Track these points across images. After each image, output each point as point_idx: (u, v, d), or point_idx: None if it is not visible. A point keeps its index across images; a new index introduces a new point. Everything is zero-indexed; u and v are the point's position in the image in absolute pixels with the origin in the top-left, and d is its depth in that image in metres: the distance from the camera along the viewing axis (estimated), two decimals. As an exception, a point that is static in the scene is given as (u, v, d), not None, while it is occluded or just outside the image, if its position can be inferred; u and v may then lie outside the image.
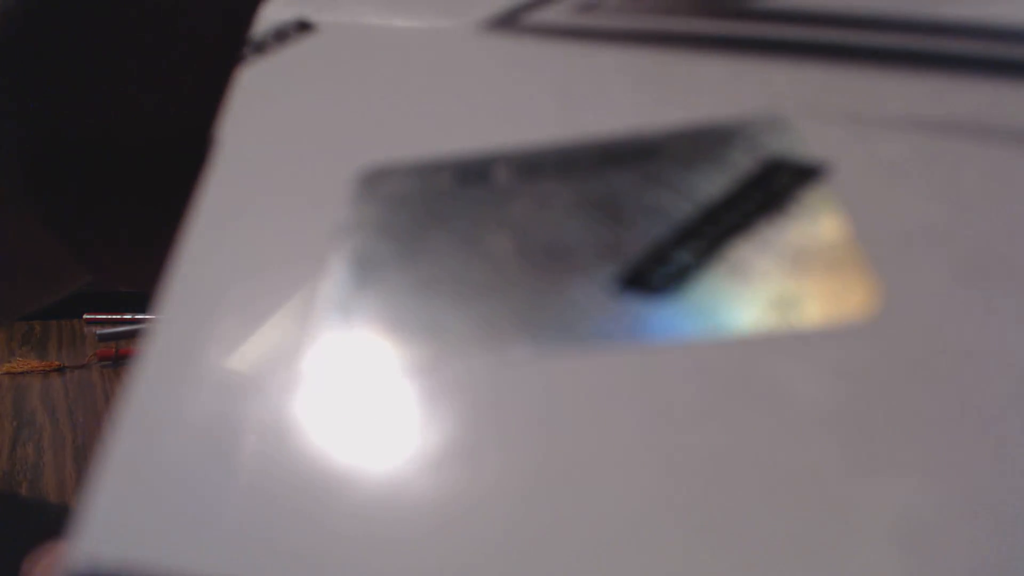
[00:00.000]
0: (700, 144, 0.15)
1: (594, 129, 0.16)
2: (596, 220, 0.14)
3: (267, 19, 0.22)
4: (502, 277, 0.14)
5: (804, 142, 0.15)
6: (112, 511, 0.11)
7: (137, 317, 0.64)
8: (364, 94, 0.19)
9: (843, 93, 0.16)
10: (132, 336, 0.62)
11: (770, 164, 0.15)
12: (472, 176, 0.16)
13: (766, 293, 0.12)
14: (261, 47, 0.21)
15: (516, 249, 0.14)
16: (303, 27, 0.22)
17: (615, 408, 0.12)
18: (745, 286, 0.13)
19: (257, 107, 0.19)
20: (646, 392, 0.12)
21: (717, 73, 0.17)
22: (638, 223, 0.14)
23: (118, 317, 0.65)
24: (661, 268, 0.13)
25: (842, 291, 0.12)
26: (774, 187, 0.14)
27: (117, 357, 0.59)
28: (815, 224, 0.13)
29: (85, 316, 0.66)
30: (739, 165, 0.15)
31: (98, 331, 0.63)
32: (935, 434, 0.11)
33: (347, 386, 0.12)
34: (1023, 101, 0.15)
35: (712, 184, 0.15)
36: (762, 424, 0.11)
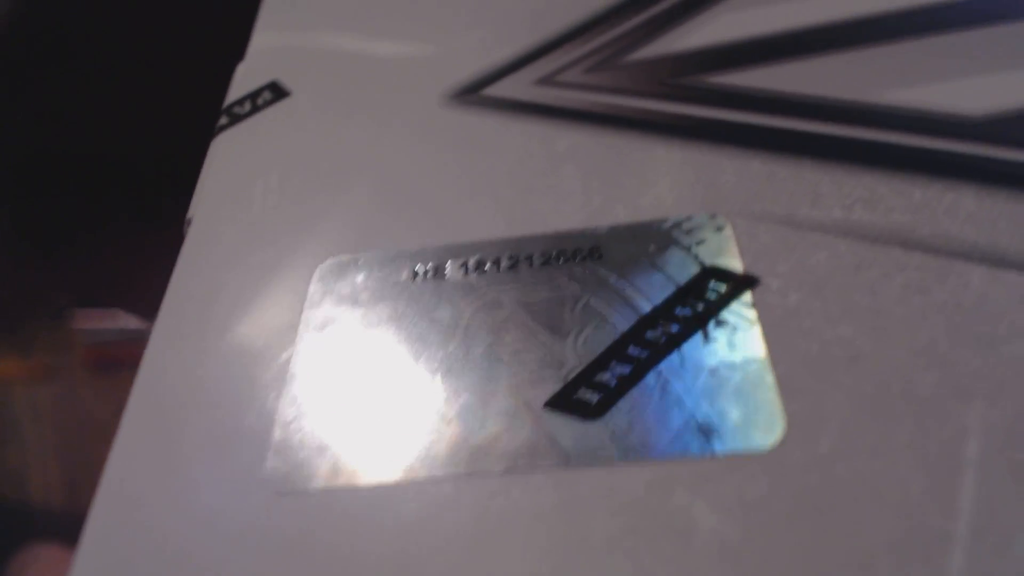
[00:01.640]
0: (643, 243, 0.16)
1: (546, 220, 0.17)
2: (538, 330, 0.15)
3: (241, 81, 0.23)
4: (442, 385, 0.14)
5: (739, 246, 0.15)
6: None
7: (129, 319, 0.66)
8: (332, 172, 0.19)
9: (780, 188, 0.16)
10: (122, 339, 0.63)
11: (706, 271, 0.15)
12: (427, 271, 0.17)
13: (683, 420, 0.13)
14: (235, 115, 0.22)
15: (460, 354, 0.15)
16: (278, 91, 0.22)
17: (527, 530, 0.12)
18: (665, 412, 0.13)
19: (226, 183, 0.20)
20: (560, 515, 0.12)
21: (664, 161, 0.18)
22: (578, 331, 0.15)
23: (108, 319, 0.66)
24: (588, 391, 0.14)
25: (754, 420, 0.13)
26: (706, 297, 0.15)
27: (106, 361, 0.60)
28: (736, 345, 0.14)
29: (73, 317, 0.67)
30: (677, 267, 0.15)
31: (87, 332, 0.64)
32: (821, 571, 0.11)
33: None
34: (956, 203, 0.15)
35: (652, 287, 0.15)
36: (667, 554, 0.12)
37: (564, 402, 0.14)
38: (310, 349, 0.15)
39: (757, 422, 0.13)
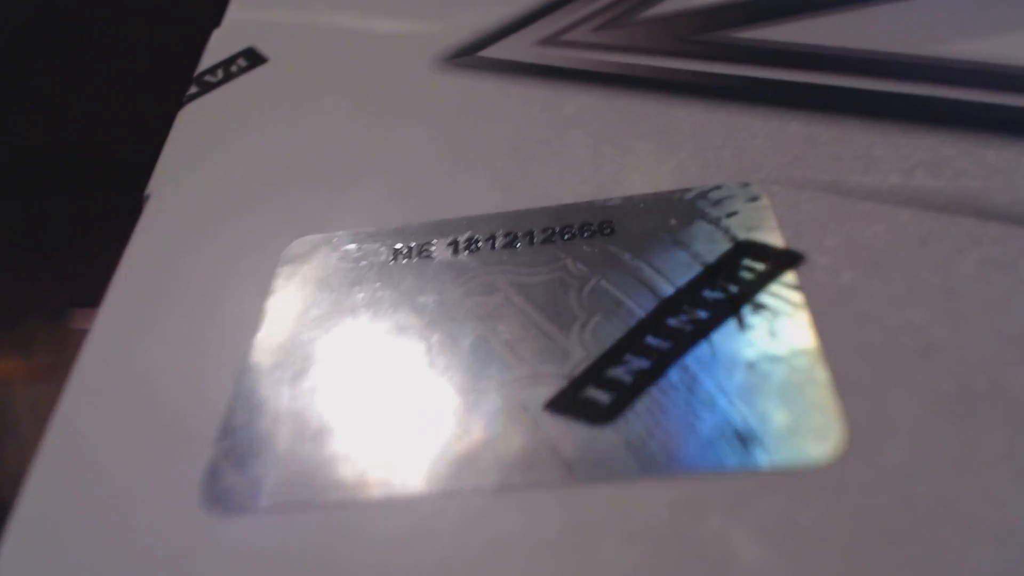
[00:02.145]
0: (663, 216, 0.14)
1: (549, 192, 0.15)
2: (538, 317, 0.12)
3: (216, 47, 0.21)
4: (423, 383, 0.12)
5: (777, 218, 0.13)
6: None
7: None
8: (308, 144, 0.17)
9: (824, 152, 0.14)
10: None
11: (740, 246, 0.13)
12: (411, 250, 0.14)
13: (717, 425, 0.11)
14: (206, 83, 0.20)
15: (446, 346, 0.12)
16: (254, 58, 0.20)
17: (524, 560, 0.10)
18: (693, 415, 0.11)
19: (190, 157, 0.17)
20: (564, 542, 0.10)
21: (686, 124, 0.15)
22: (586, 319, 0.12)
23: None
24: (596, 389, 0.11)
25: (803, 425, 0.10)
26: (739, 277, 0.12)
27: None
28: (778, 333, 0.11)
29: (73, 317, 0.66)
30: (704, 243, 0.13)
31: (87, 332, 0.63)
32: (903, 623, 0.09)
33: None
34: (1038, 166, 0.13)
35: (674, 266, 0.13)
36: (700, 596, 0.09)
37: (569, 403, 0.11)
38: (271, 341, 0.13)
39: (808, 428, 0.10)
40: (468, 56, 0.18)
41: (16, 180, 0.29)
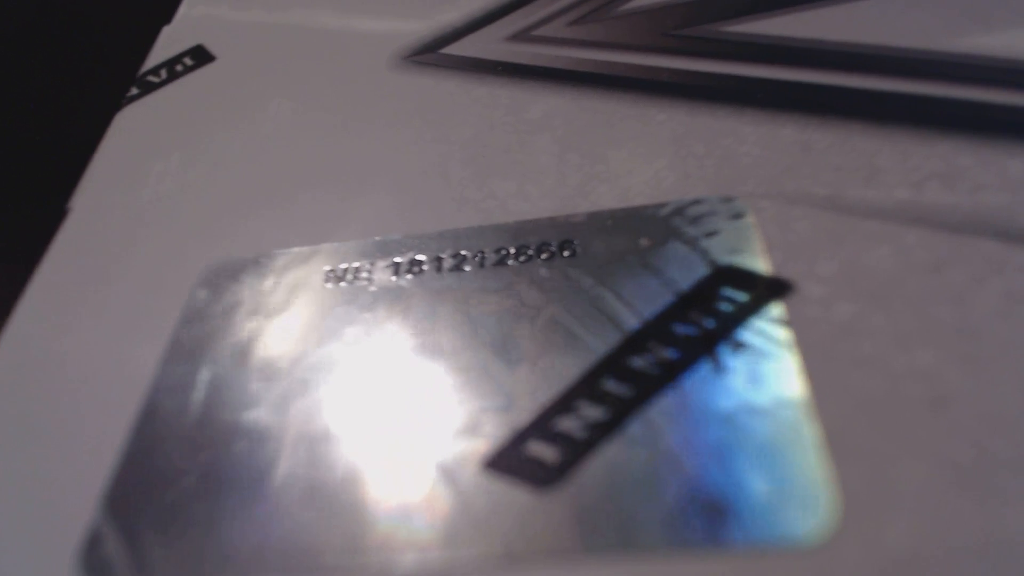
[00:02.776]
0: (632, 234, 0.12)
1: (506, 207, 0.13)
2: (483, 354, 0.11)
3: (163, 47, 0.19)
4: (338, 435, 0.10)
5: (765, 239, 0.11)
6: None
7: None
8: (247, 153, 0.15)
9: (821, 161, 0.12)
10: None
11: (719, 272, 0.11)
12: (345, 272, 0.12)
13: (682, 493, 0.09)
14: (148, 84, 0.18)
15: (369, 387, 0.11)
16: (201, 56, 0.18)
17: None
18: (656, 480, 0.09)
19: (120, 167, 0.16)
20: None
21: (664, 129, 0.13)
22: (536, 357, 0.10)
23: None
24: (543, 444, 0.09)
25: (788, 496, 0.09)
26: (717, 309, 0.10)
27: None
28: (761, 379, 0.10)
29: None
30: (679, 268, 0.11)
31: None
32: None
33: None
34: (1072, 179, 0.11)
35: (642, 295, 0.11)
36: None
37: (510, 461, 0.09)
38: (174, 380, 0.11)
39: (795, 498, 0.08)
40: (430, 53, 0.16)
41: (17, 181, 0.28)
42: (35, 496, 0.10)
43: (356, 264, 0.12)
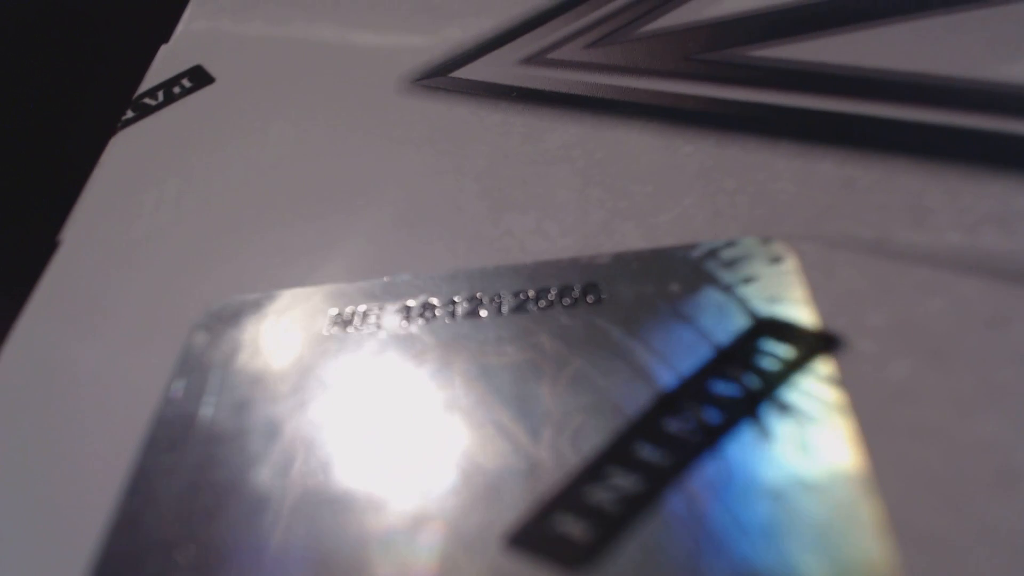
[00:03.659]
0: (662, 279, 0.11)
1: (524, 245, 0.12)
2: (501, 414, 0.10)
3: (160, 67, 0.18)
4: (342, 503, 0.09)
5: (808, 286, 0.10)
6: None
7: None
8: (245, 182, 0.15)
9: (865, 201, 0.11)
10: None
11: (760, 324, 0.10)
12: (352, 317, 0.12)
13: (732, 573, 0.08)
14: (144, 106, 0.17)
15: (377, 451, 0.10)
16: (200, 78, 0.18)
17: None
18: (698, 560, 0.08)
19: (114, 195, 0.15)
20: None
21: (692, 161, 0.12)
22: (561, 418, 0.10)
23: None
24: (572, 519, 0.09)
25: (848, 586, 0.08)
26: (761, 366, 0.10)
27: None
28: (812, 448, 0.09)
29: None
30: (714, 318, 0.10)
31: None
32: None
33: None
34: None
35: (676, 347, 0.10)
36: None
37: (534, 538, 0.09)
38: (170, 427, 0.10)
39: (854, 589, 0.08)
40: (440, 77, 0.16)
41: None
42: (31, 547, 0.09)
43: (363, 307, 0.12)
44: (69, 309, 0.13)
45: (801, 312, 0.10)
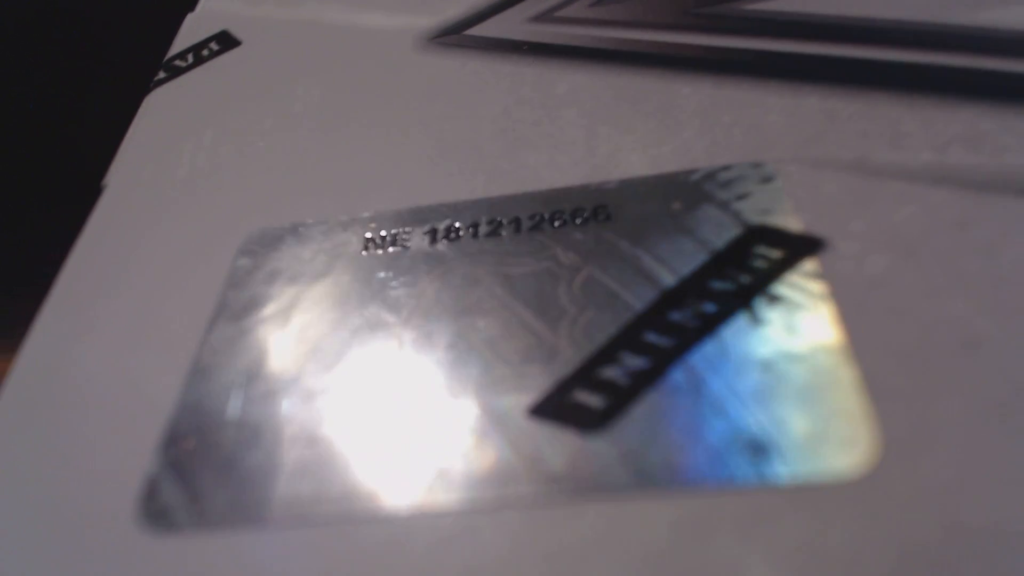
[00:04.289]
0: (665, 199, 0.12)
1: (539, 175, 0.13)
2: (523, 313, 0.11)
3: (188, 32, 0.20)
4: (390, 388, 0.10)
5: (794, 200, 0.11)
6: None
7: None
8: (277, 131, 0.16)
9: (847, 128, 0.12)
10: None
11: (752, 232, 0.11)
12: (384, 239, 0.13)
13: (726, 434, 0.09)
14: (175, 68, 0.18)
15: (418, 345, 0.11)
16: (227, 41, 0.19)
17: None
18: (700, 422, 0.09)
19: (152, 146, 0.16)
20: (548, 570, 0.08)
21: (691, 101, 0.14)
22: (576, 313, 0.11)
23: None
24: (588, 392, 0.10)
25: (829, 433, 0.09)
26: (753, 265, 0.11)
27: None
28: (798, 329, 0.10)
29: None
30: (712, 229, 0.11)
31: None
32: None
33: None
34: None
35: (677, 254, 0.11)
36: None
37: (556, 408, 0.10)
38: (225, 340, 0.12)
39: (834, 436, 0.09)
40: (454, 35, 0.17)
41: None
42: (94, 448, 0.11)
43: (394, 231, 0.13)
44: (122, 239, 0.14)
45: (789, 221, 0.11)
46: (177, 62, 0.19)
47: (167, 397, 0.11)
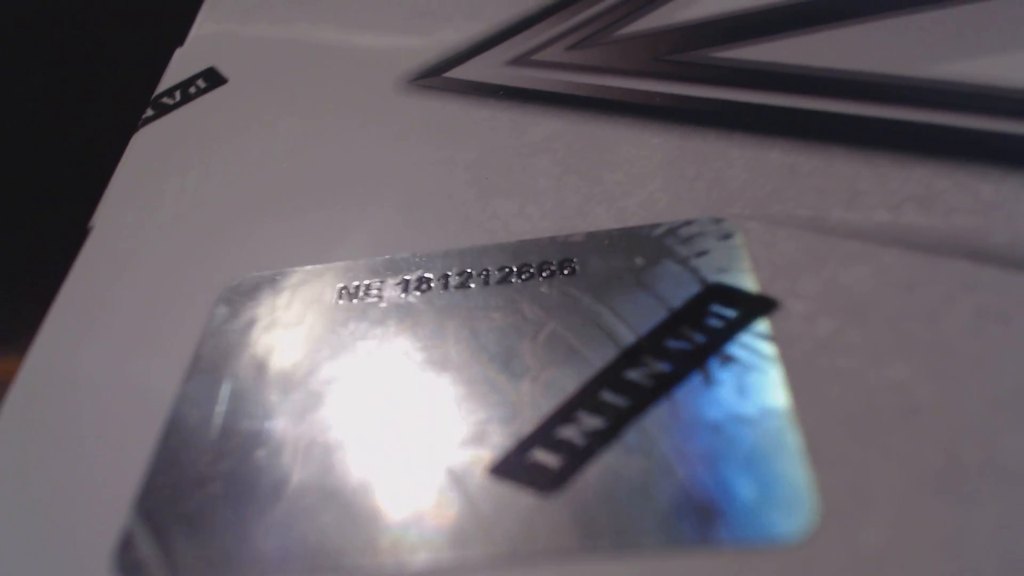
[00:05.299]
0: (628, 254, 0.12)
1: (509, 227, 0.13)
2: (488, 368, 0.11)
3: (176, 68, 0.20)
4: (350, 443, 0.11)
5: (751, 258, 0.12)
6: None
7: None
8: (260, 173, 0.16)
9: (806, 184, 0.13)
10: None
11: (709, 290, 0.12)
12: (357, 290, 0.13)
13: (675, 497, 0.09)
14: (163, 105, 0.19)
15: (381, 399, 0.11)
16: (213, 79, 0.19)
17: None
18: (650, 485, 0.10)
19: (139, 186, 0.16)
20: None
21: (658, 152, 0.14)
22: (538, 370, 0.11)
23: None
24: (545, 452, 0.10)
25: (772, 499, 0.09)
26: (707, 325, 0.11)
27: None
28: (748, 390, 0.10)
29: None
30: (671, 286, 0.12)
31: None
32: None
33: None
34: (1039, 202, 0.12)
35: (637, 311, 0.12)
36: None
37: (515, 467, 0.10)
38: (201, 393, 0.12)
39: (778, 502, 0.09)
40: (434, 77, 0.17)
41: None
42: (70, 501, 0.11)
43: (367, 281, 0.13)
44: (104, 284, 0.14)
45: (745, 280, 0.12)
46: (165, 99, 0.19)
47: (143, 450, 0.11)
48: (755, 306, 0.11)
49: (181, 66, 0.20)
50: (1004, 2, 0.15)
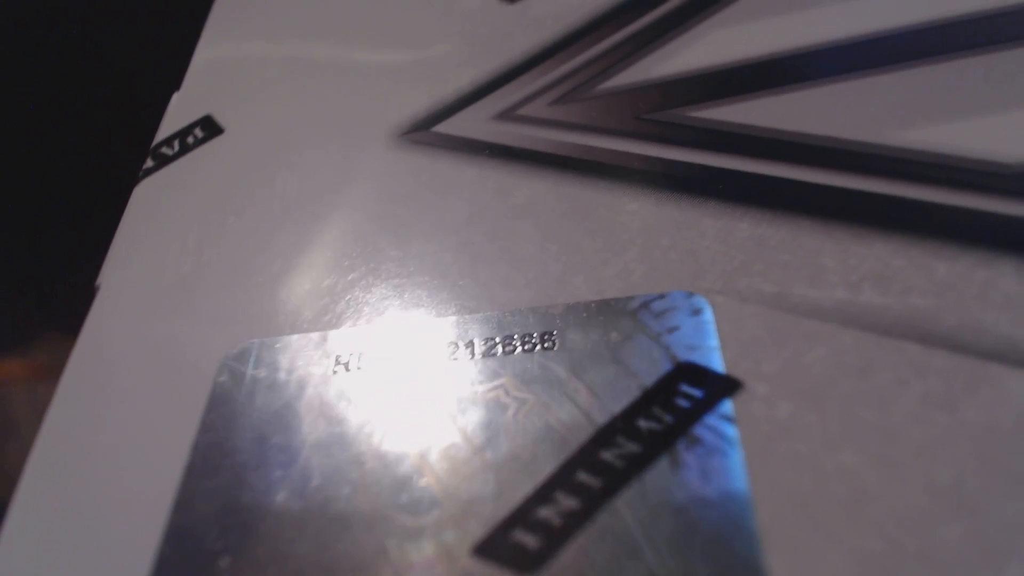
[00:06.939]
0: (605, 328, 0.13)
1: (496, 294, 0.14)
2: (472, 444, 0.12)
3: (174, 115, 0.21)
4: (328, 519, 0.12)
5: (720, 334, 0.13)
6: None
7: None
8: (255, 231, 0.17)
9: (773, 258, 0.13)
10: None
11: (679, 369, 0.12)
12: (352, 361, 0.14)
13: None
14: (162, 156, 0.19)
15: (359, 479, 0.12)
16: (211, 128, 0.20)
17: None
18: (617, 568, 0.11)
19: (142, 242, 0.17)
20: None
21: (635, 220, 0.15)
22: (519, 447, 0.12)
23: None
24: (525, 532, 0.11)
25: (729, 584, 0.10)
26: (675, 405, 0.12)
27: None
28: (711, 474, 0.11)
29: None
30: (644, 362, 0.13)
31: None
32: None
33: None
34: (990, 283, 0.12)
35: (611, 388, 0.12)
36: None
37: (497, 547, 0.11)
38: (203, 465, 0.13)
39: (733, 586, 0.10)
40: (423, 131, 0.18)
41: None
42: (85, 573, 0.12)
43: (360, 352, 0.14)
44: (113, 350, 0.15)
45: (712, 358, 0.12)
46: (164, 149, 0.20)
47: (156, 522, 0.12)
48: (721, 387, 0.12)
49: (178, 113, 0.21)
50: (969, 66, 0.15)
